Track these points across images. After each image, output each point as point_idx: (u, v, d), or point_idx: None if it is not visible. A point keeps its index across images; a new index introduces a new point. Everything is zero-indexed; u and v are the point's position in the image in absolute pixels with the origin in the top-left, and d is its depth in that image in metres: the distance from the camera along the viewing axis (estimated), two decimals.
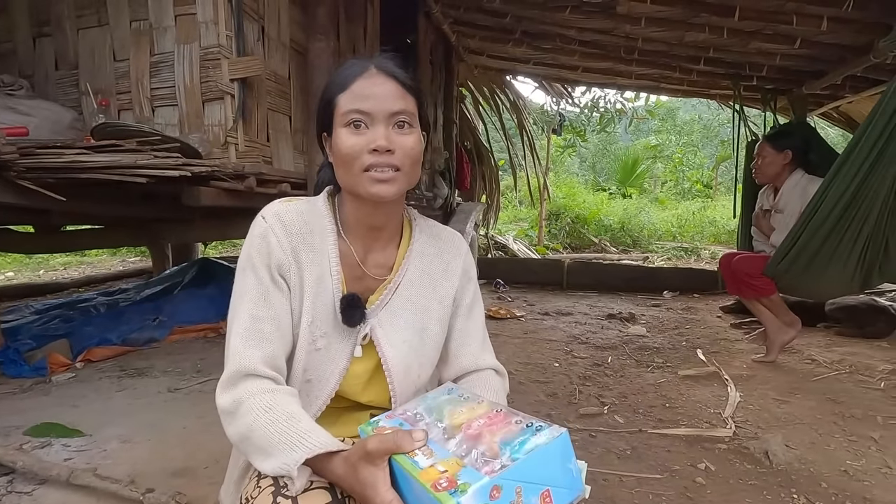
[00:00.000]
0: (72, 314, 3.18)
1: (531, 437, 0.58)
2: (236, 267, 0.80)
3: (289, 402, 0.70)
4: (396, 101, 0.75)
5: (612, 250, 8.39)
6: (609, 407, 2.06)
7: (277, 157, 2.50)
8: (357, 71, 0.77)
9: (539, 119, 7.72)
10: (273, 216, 0.78)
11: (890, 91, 2.02)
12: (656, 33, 3.54)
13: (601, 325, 3.47)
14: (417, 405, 0.71)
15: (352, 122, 0.74)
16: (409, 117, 0.76)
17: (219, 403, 0.72)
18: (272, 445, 0.65)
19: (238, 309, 0.76)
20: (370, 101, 0.74)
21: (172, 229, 3.04)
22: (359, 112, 0.74)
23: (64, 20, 2.31)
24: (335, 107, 0.76)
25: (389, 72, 0.77)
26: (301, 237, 0.78)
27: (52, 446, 1.64)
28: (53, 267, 6.28)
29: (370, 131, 0.74)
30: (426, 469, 0.57)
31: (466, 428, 0.62)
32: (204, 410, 1.95)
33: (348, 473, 0.62)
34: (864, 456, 1.68)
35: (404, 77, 0.78)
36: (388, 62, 0.78)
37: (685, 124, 16.13)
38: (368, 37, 3.31)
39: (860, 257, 2.27)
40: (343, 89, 0.76)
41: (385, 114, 0.74)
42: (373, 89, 0.75)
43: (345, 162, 0.75)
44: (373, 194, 0.74)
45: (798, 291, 2.68)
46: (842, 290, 2.61)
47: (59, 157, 1.64)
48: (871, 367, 2.54)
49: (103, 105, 2.20)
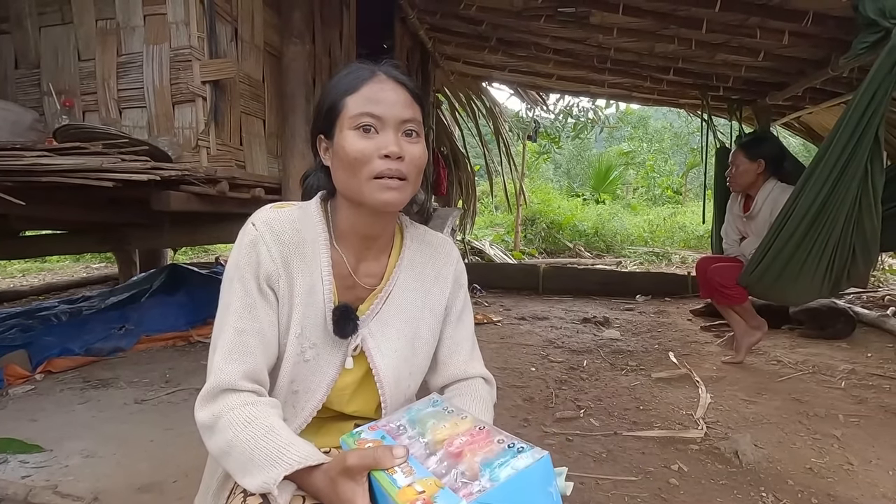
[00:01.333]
0: (31, 323, 3.04)
1: (512, 459, 0.57)
2: (223, 273, 0.77)
3: (269, 415, 0.68)
4: (406, 108, 0.74)
5: (587, 255, 8.53)
6: (585, 410, 2.08)
7: (251, 162, 2.45)
8: (366, 75, 0.75)
9: (514, 125, 7.80)
10: (264, 224, 0.75)
11: (852, 106, 2.11)
12: (628, 44, 3.64)
13: (576, 330, 3.52)
14: (401, 417, 0.70)
15: (362, 126, 0.72)
16: (416, 126, 0.75)
17: (198, 418, 0.70)
18: (252, 462, 0.64)
19: (223, 321, 0.73)
20: (382, 105, 0.72)
21: (140, 235, 2.94)
22: (370, 116, 0.72)
23: (24, 17, 2.22)
24: (342, 109, 0.74)
25: (399, 79, 0.75)
26: (293, 246, 0.76)
27: (8, 463, 1.56)
28: (11, 274, 6.00)
29: (380, 137, 0.72)
30: (403, 489, 0.56)
31: (448, 445, 0.61)
32: (173, 422, 1.89)
33: (327, 487, 0.61)
34: (827, 453, 1.74)
35: (413, 85, 0.77)
36: (396, 70, 0.77)
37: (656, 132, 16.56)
38: (344, 41, 3.29)
39: (829, 264, 2.36)
40: (352, 92, 0.73)
41: (396, 120, 0.73)
42: (384, 95, 0.73)
43: (351, 166, 0.72)
44: (381, 202, 0.72)
45: (771, 297, 2.77)
46: (812, 296, 2.70)
47: (17, 160, 1.58)
48: (832, 367, 2.64)
49: (67, 106, 2.12)
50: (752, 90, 4.05)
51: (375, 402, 0.82)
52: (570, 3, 3.19)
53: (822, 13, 2.71)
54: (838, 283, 2.44)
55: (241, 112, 2.35)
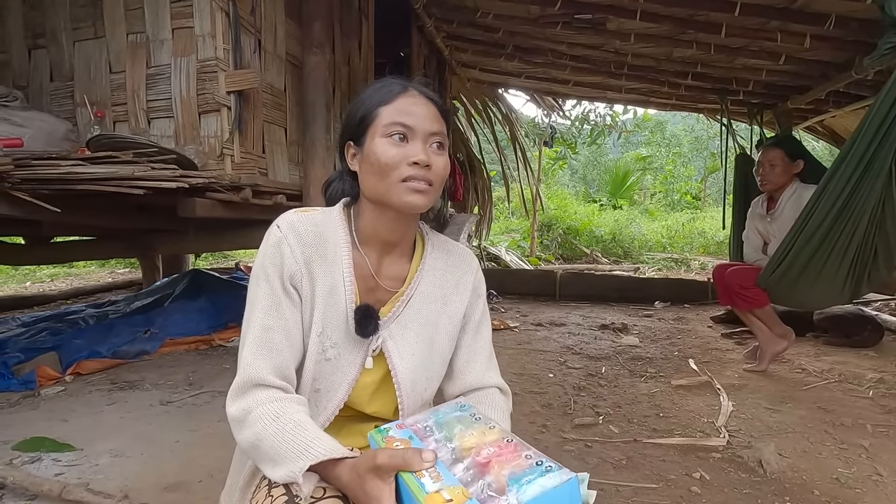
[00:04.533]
0: (60, 327, 3.13)
1: (539, 478, 0.57)
2: (251, 274, 0.81)
3: (296, 411, 0.71)
4: (434, 122, 0.79)
5: (604, 261, 8.45)
6: (604, 417, 2.07)
7: (273, 169, 2.50)
8: (399, 89, 0.80)
9: (530, 131, 7.80)
10: (288, 226, 0.79)
11: (875, 107, 2.09)
12: (645, 49, 3.62)
13: (594, 336, 3.49)
14: (428, 418, 0.71)
15: (394, 134, 0.77)
16: (442, 139, 0.80)
17: (228, 412, 0.73)
18: (279, 454, 0.66)
19: (250, 319, 0.77)
20: (413, 117, 0.77)
21: (165, 240, 3.03)
22: (403, 125, 0.77)
23: (60, 32, 2.32)
24: (375, 118, 0.79)
25: (428, 95, 0.81)
26: (315, 247, 0.79)
27: (42, 461, 1.62)
28: (40, 279, 6.19)
29: (409, 146, 0.77)
30: (431, 494, 0.56)
31: (476, 454, 0.62)
32: (197, 423, 1.93)
33: (354, 483, 0.63)
34: (855, 464, 1.70)
35: (440, 102, 0.82)
36: (426, 87, 0.82)
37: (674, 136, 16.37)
38: (363, 50, 3.35)
39: (850, 267, 2.32)
40: (386, 103, 0.79)
41: (425, 132, 0.78)
42: (415, 108, 0.78)
43: (381, 170, 0.76)
44: (407, 203, 0.76)
45: (790, 301, 2.72)
46: (833, 300, 2.64)
47: (54, 169, 1.64)
48: (859, 376, 2.58)
49: (99, 116, 2.20)
50: (773, 94, 3.99)
51: (394, 404, 0.84)
52: (586, 10, 3.20)
53: (844, 16, 2.67)
54: (859, 286, 2.39)
55: (263, 121, 2.41)
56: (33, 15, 2.36)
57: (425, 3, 3.65)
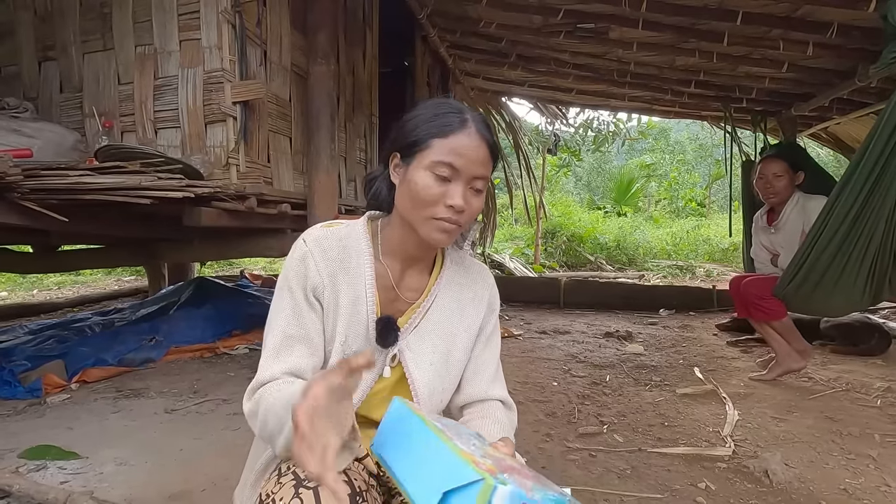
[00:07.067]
0: (66, 334, 3.15)
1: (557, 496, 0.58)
2: (276, 286, 0.84)
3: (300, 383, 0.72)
4: (482, 166, 0.79)
5: (608, 268, 8.43)
6: (608, 426, 2.06)
7: (278, 178, 2.53)
8: (457, 123, 0.78)
9: (534, 139, 7.82)
10: (313, 241, 0.82)
11: (886, 113, 2.09)
12: (648, 57, 3.64)
13: (599, 344, 3.48)
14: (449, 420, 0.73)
15: (440, 172, 0.77)
16: (485, 183, 0.80)
17: (244, 410, 0.76)
18: (279, 419, 0.68)
19: (272, 327, 0.80)
20: (463, 160, 0.77)
21: (171, 249, 3.05)
22: (450, 167, 0.77)
23: (69, 44, 2.36)
24: (426, 148, 0.78)
25: (484, 136, 0.80)
26: (339, 262, 0.82)
27: (47, 469, 1.63)
28: (47, 286, 6.24)
29: (451, 186, 0.77)
30: (464, 450, 0.57)
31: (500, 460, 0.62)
32: (201, 432, 1.94)
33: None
34: (862, 474, 1.68)
35: (493, 143, 0.81)
36: (484, 124, 0.81)
37: (678, 143, 16.37)
38: (367, 60, 3.38)
39: (869, 273, 2.30)
40: (440, 136, 0.78)
41: (469, 176, 0.78)
42: (468, 150, 0.77)
43: (418, 202, 0.77)
44: (433, 240, 0.79)
45: (809, 310, 2.68)
46: (853, 307, 2.61)
47: (63, 179, 1.66)
48: (867, 385, 2.55)
49: (107, 127, 2.23)
50: (777, 101, 4.00)
51: None
52: (588, 19, 3.22)
53: (846, 24, 2.68)
54: (880, 291, 2.37)
55: (268, 130, 2.43)
56: (44, 28, 2.40)
57: (429, 13, 3.69)
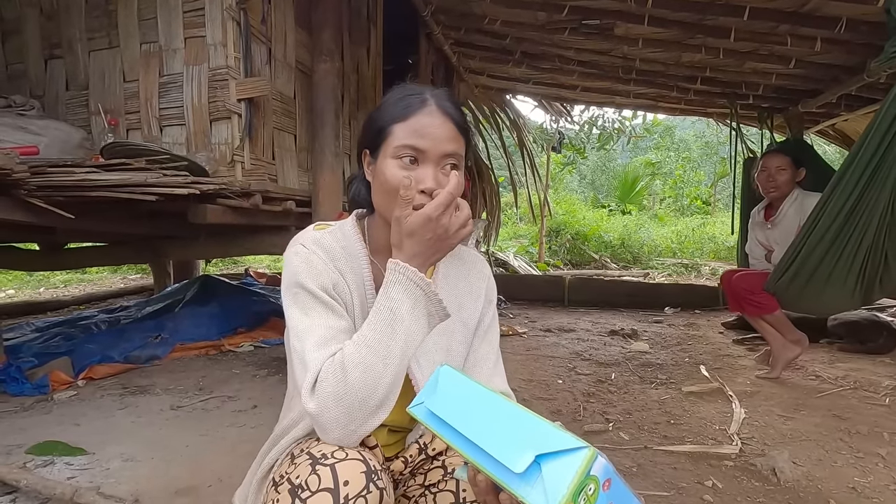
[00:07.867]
0: (73, 332, 3.17)
1: None
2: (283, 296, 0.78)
3: None
4: (450, 142, 0.75)
5: (613, 267, 8.40)
6: (614, 424, 2.05)
7: (282, 175, 2.53)
8: (417, 104, 0.76)
9: (538, 137, 7.80)
10: (313, 242, 0.79)
11: (883, 110, 2.07)
12: (653, 54, 3.62)
13: (604, 342, 3.47)
14: None
15: (405, 157, 0.74)
16: (457, 159, 0.76)
17: (310, 409, 0.69)
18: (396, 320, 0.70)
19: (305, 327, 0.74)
20: (426, 139, 0.74)
21: (176, 246, 3.05)
22: (414, 149, 0.74)
23: (75, 42, 2.36)
24: (388, 135, 0.76)
25: (448, 111, 0.77)
26: (343, 261, 0.80)
27: (54, 465, 1.64)
28: (54, 284, 6.28)
29: (420, 169, 0.74)
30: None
31: None
32: (207, 428, 1.94)
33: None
34: (871, 473, 1.67)
35: (460, 118, 0.78)
36: (446, 100, 0.78)
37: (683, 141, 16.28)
38: (371, 58, 3.38)
39: (860, 272, 2.29)
40: (400, 120, 0.75)
41: (438, 155, 0.75)
42: (431, 129, 0.74)
43: (389, 193, 0.75)
44: None
45: (800, 307, 2.68)
46: (843, 306, 2.61)
47: (69, 176, 1.67)
48: (875, 383, 2.53)
49: (112, 124, 2.24)
50: (784, 98, 3.96)
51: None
52: (593, 16, 3.20)
53: (855, 19, 2.65)
54: (870, 291, 2.36)
55: (273, 128, 2.43)
56: (49, 26, 2.41)
57: (433, 11, 3.68)
